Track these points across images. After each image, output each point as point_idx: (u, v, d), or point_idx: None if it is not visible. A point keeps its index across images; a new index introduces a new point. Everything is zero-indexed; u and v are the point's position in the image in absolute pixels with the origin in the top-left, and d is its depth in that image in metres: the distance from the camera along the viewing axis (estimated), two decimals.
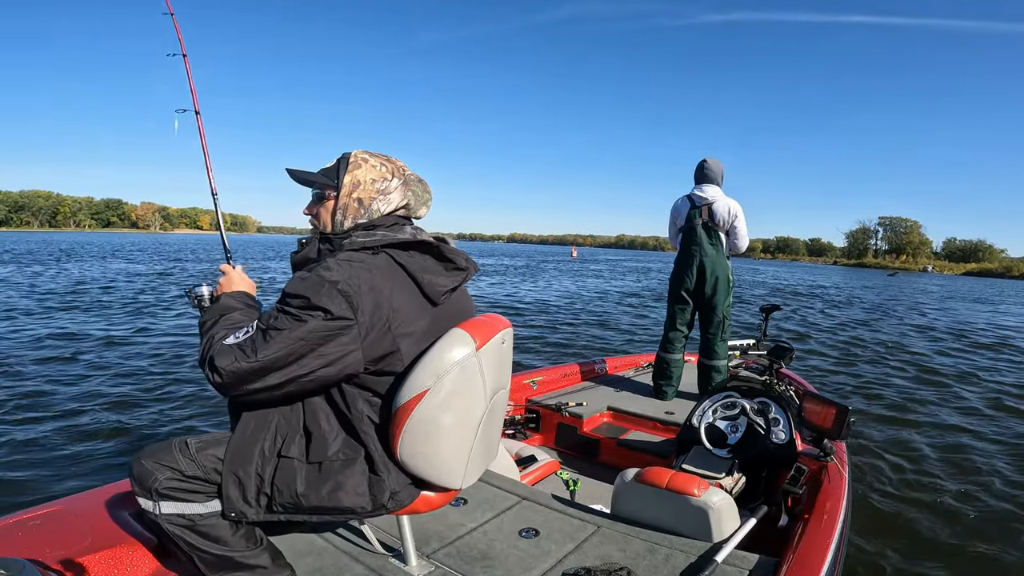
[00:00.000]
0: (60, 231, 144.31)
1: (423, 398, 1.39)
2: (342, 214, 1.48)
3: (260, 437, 1.43)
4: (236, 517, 1.42)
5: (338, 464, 1.42)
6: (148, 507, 1.40)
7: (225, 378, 1.29)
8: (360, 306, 1.31)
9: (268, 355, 1.28)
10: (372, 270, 1.36)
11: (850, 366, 8.39)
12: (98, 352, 7.00)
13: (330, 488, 1.40)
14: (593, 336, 10.03)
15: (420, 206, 1.58)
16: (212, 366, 1.30)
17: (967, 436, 5.15)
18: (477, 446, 1.57)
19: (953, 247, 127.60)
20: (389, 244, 1.44)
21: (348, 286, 1.30)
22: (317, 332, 1.29)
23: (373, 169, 1.49)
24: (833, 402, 2.39)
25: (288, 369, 1.30)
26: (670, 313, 4.08)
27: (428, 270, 1.47)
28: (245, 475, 1.40)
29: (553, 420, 3.53)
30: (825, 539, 1.80)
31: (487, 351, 1.50)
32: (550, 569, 1.72)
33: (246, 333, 1.33)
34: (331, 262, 1.36)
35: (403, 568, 1.67)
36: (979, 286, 47.67)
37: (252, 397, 1.35)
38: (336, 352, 1.31)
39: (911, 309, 19.00)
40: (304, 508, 1.41)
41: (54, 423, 4.41)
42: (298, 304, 1.30)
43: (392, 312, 1.37)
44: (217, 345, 1.34)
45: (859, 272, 74.17)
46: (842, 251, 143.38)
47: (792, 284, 30.95)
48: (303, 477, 1.40)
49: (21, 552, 1.41)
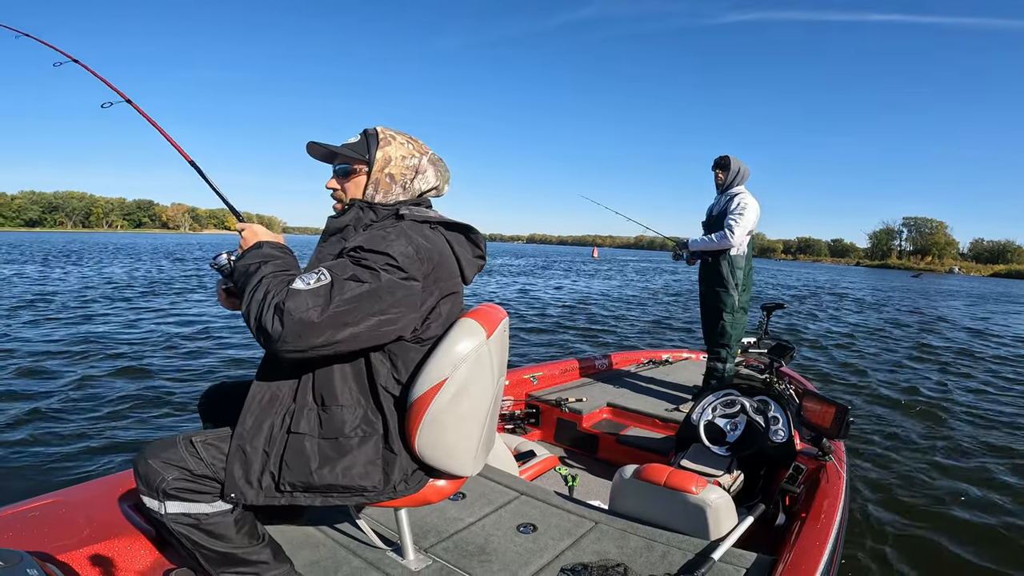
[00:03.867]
0: (93, 231, 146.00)
1: (441, 387, 1.37)
2: (374, 188, 1.47)
3: (272, 411, 1.37)
4: (235, 499, 1.33)
5: (356, 440, 1.36)
6: (153, 507, 1.33)
7: (291, 326, 1.16)
8: (425, 271, 1.34)
9: (341, 306, 1.19)
10: (432, 242, 1.40)
11: (852, 364, 8.27)
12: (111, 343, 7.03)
13: (345, 465, 1.34)
14: (599, 332, 9.98)
15: (444, 184, 1.60)
16: (279, 310, 1.17)
17: (969, 438, 5.03)
18: (484, 434, 1.55)
19: (980, 248, 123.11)
20: (441, 222, 1.48)
21: (419, 251, 1.32)
22: (389, 288, 1.26)
23: (402, 147, 1.49)
24: (833, 401, 2.34)
25: (354, 326, 1.22)
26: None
27: (465, 252, 1.52)
28: (252, 450, 1.33)
29: (553, 415, 3.47)
30: (822, 538, 1.75)
31: (494, 339, 1.49)
32: (547, 564, 1.67)
33: (319, 280, 1.21)
34: (403, 226, 1.37)
35: (400, 562, 1.63)
36: (1011, 288, 46.54)
37: (300, 355, 1.22)
38: (398, 312, 1.29)
39: (917, 309, 18.78)
40: (316, 486, 1.33)
41: (53, 413, 4.39)
42: (377, 259, 1.26)
43: (443, 284, 1.41)
44: (282, 289, 1.21)
45: (882, 273, 72.51)
46: (865, 252, 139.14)
47: (805, 285, 30.69)
48: (316, 453, 1.33)
49: (20, 543, 1.38)
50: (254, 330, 1.21)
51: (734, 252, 3.61)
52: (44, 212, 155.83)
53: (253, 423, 1.36)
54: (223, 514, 1.37)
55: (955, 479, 4.02)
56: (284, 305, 1.17)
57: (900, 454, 4.46)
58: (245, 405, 1.38)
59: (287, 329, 1.16)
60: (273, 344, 1.19)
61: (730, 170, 3.65)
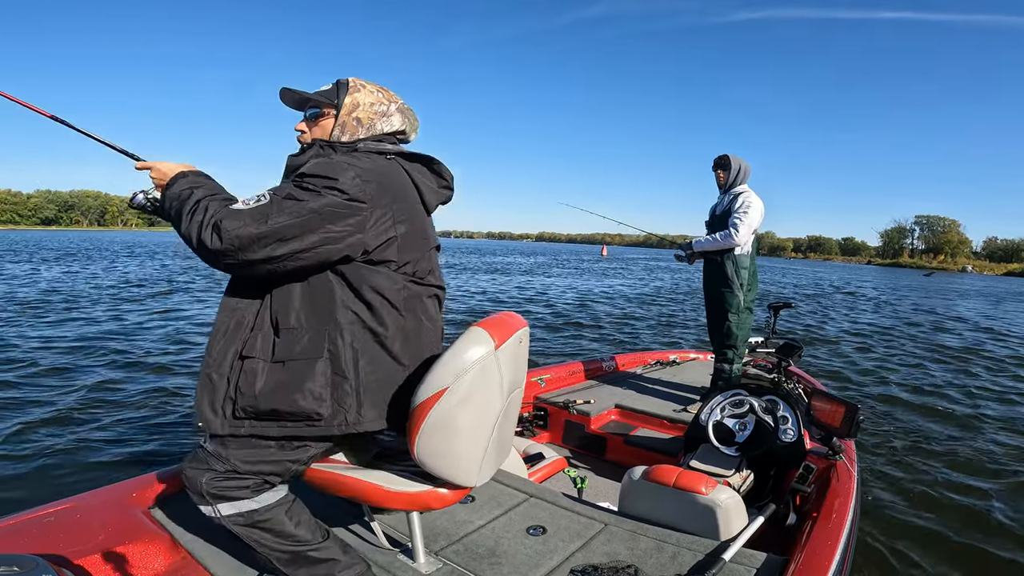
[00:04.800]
0: (109, 230, 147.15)
1: (442, 396, 1.36)
2: (340, 131, 1.50)
3: (236, 338, 1.38)
4: (203, 428, 1.36)
5: (302, 363, 1.34)
6: (209, 512, 1.39)
7: (228, 242, 1.23)
8: (371, 193, 1.35)
9: (280, 222, 1.25)
10: (384, 169, 1.44)
11: (862, 362, 8.19)
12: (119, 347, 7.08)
13: (290, 389, 1.33)
14: (614, 332, 9.95)
15: (412, 131, 1.64)
16: (216, 228, 1.23)
17: (982, 436, 4.97)
18: (492, 445, 1.53)
19: (994, 247, 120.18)
20: (398, 154, 1.53)
21: (364, 174, 1.36)
22: (330, 208, 1.29)
23: (371, 94, 1.54)
24: (842, 400, 2.32)
25: (294, 241, 1.27)
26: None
27: (427, 181, 1.57)
28: (219, 377, 1.36)
29: (561, 417, 3.45)
30: (833, 538, 1.74)
31: (505, 350, 1.46)
32: (557, 566, 1.67)
33: (258, 200, 1.29)
34: (351, 156, 1.42)
35: (411, 565, 1.63)
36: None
37: (243, 270, 1.30)
38: (342, 232, 1.31)
39: (932, 309, 18.59)
40: (263, 411, 1.33)
41: (69, 418, 4.37)
42: (317, 181, 1.31)
43: (396, 207, 1.42)
44: (221, 209, 1.26)
45: (894, 272, 71.12)
46: (876, 250, 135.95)
47: (815, 284, 30.46)
48: (264, 376, 1.34)
49: (35, 548, 1.39)
50: (195, 248, 1.27)
51: (739, 252, 3.56)
52: (60, 211, 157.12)
53: (219, 350, 1.38)
54: (271, 508, 1.41)
55: (967, 477, 3.97)
56: (222, 223, 1.23)
57: (911, 453, 4.41)
58: (212, 334, 1.40)
59: (226, 244, 1.23)
60: (213, 260, 1.27)
61: (731, 169, 3.61)
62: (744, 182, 3.63)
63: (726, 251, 3.57)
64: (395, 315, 1.43)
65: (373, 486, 1.51)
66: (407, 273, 1.46)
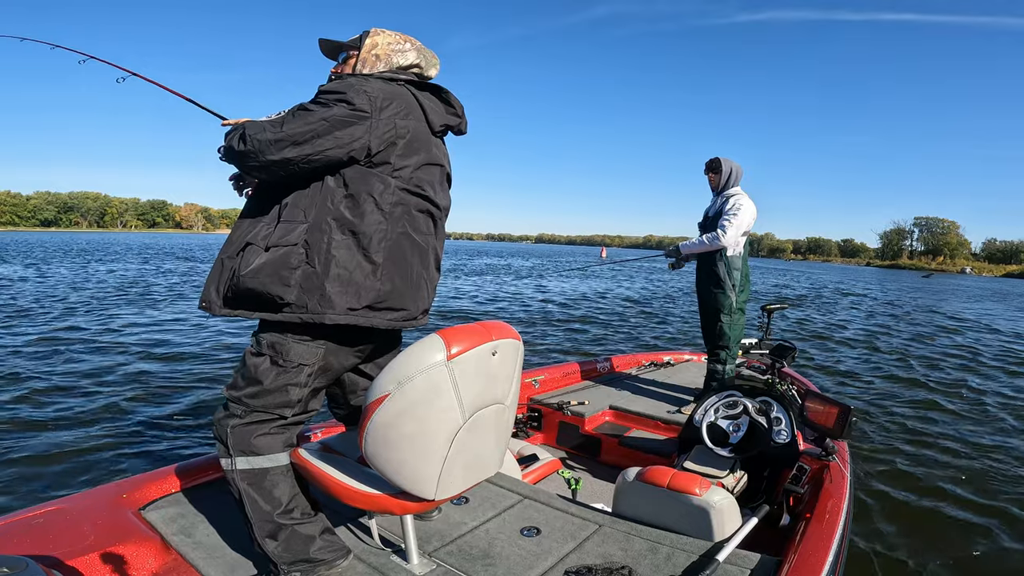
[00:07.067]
0: (108, 231, 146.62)
1: (383, 403, 1.34)
2: (361, 65, 1.67)
3: (251, 231, 1.51)
4: (206, 307, 1.51)
5: (284, 250, 1.45)
6: (227, 466, 1.50)
7: (250, 144, 1.42)
8: (378, 106, 1.50)
9: (294, 128, 1.42)
10: (392, 88, 1.58)
11: (856, 363, 8.20)
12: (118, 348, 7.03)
13: (265, 271, 1.43)
14: (601, 333, 9.94)
15: (430, 67, 1.76)
16: (242, 136, 1.44)
17: (976, 437, 4.98)
18: (456, 459, 1.46)
19: (993, 248, 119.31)
20: (408, 81, 1.67)
21: (372, 90, 1.51)
22: (338, 117, 1.45)
23: (389, 36, 1.70)
24: (835, 402, 2.32)
25: (306, 145, 1.43)
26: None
27: (432, 104, 1.69)
28: (229, 261, 1.50)
29: (555, 419, 3.43)
30: (827, 539, 1.73)
31: (464, 361, 1.38)
32: (551, 568, 1.65)
33: (278, 114, 1.50)
34: (363, 79, 1.56)
35: (405, 566, 1.61)
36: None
37: (265, 172, 1.48)
38: (347, 138, 1.47)
39: (917, 307, 18.64)
40: (241, 291, 1.44)
41: (58, 420, 4.33)
42: (329, 96, 1.48)
43: (400, 120, 1.55)
44: (250, 124, 1.46)
45: (893, 273, 71.16)
46: (876, 252, 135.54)
47: (813, 286, 30.54)
48: (251, 258, 1.45)
49: (24, 550, 1.37)
50: (225, 153, 1.51)
51: (730, 253, 3.55)
52: (59, 212, 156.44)
53: (236, 240, 1.52)
54: (280, 470, 1.51)
55: (960, 478, 3.97)
56: (247, 130, 1.44)
57: (904, 454, 4.41)
58: (235, 228, 1.56)
59: (249, 146, 1.43)
60: (240, 162, 1.48)
61: (722, 172, 3.61)
62: (736, 184, 3.63)
63: (718, 253, 3.56)
64: (378, 217, 1.52)
65: (336, 480, 1.49)
66: (402, 179, 1.56)
